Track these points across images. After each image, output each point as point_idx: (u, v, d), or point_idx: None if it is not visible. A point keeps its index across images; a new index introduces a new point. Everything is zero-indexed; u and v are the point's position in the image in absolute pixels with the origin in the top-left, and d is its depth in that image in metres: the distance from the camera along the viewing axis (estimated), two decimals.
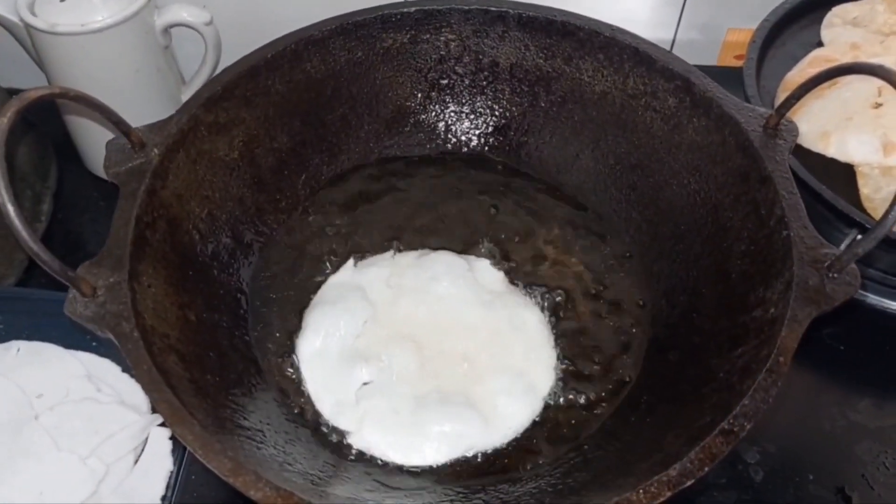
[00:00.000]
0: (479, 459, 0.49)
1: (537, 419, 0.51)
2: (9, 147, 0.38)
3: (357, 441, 0.50)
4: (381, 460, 0.49)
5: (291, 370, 0.53)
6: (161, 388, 0.39)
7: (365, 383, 0.52)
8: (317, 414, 0.51)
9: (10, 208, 0.37)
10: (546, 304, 0.56)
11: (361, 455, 0.49)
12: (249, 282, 0.56)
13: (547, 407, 0.52)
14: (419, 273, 0.56)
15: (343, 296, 0.56)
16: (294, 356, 0.53)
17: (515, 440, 0.50)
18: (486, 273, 0.57)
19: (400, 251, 0.59)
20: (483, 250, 0.59)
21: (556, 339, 0.55)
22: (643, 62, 0.56)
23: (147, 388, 0.39)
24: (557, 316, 0.56)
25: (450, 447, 0.49)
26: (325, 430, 0.50)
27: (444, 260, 0.57)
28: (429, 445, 0.49)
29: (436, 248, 0.59)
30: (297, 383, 0.52)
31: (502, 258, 0.59)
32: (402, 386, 0.51)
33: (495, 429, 0.50)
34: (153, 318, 0.43)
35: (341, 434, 0.50)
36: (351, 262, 0.59)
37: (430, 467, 0.49)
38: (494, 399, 0.51)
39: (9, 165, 0.38)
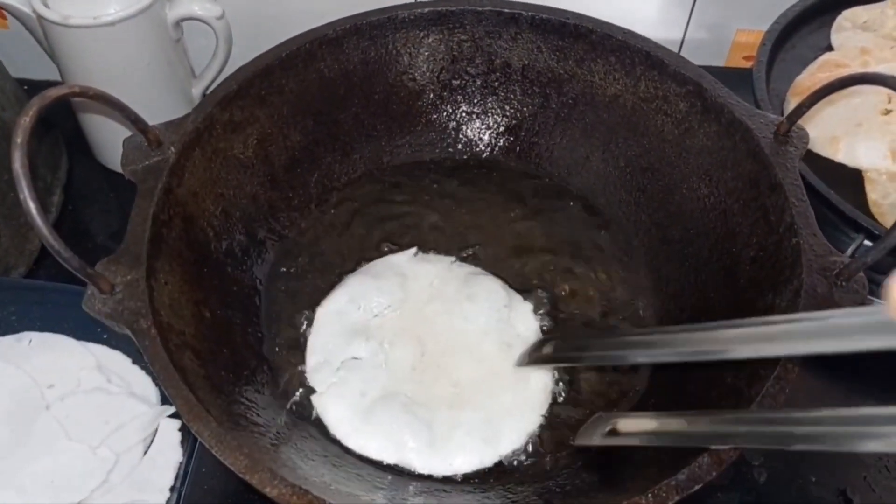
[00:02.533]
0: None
1: (490, 466, 0.49)
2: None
3: (318, 402, 0.51)
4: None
5: (303, 367, 0.53)
6: (178, 385, 0.39)
7: (355, 358, 0.53)
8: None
9: (32, 206, 0.38)
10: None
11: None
12: (262, 279, 0.57)
13: (553, 406, 0.52)
14: (461, 288, 0.56)
15: (385, 275, 0.57)
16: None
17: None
18: (522, 317, 0.56)
19: (463, 260, 0.59)
20: (536, 296, 0.57)
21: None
22: (655, 66, 0.56)
23: (164, 385, 0.39)
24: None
25: (387, 448, 0.49)
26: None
27: (489, 287, 0.57)
28: (369, 436, 0.50)
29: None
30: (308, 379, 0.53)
31: (550, 309, 0.57)
32: (383, 376, 0.52)
33: (436, 457, 0.49)
34: (169, 314, 0.44)
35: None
36: (413, 250, 0.59)
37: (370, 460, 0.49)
38: (452, 431, 0.50)
39: None
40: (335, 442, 0.50)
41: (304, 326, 0.55)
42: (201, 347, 0.45)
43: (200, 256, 0.51)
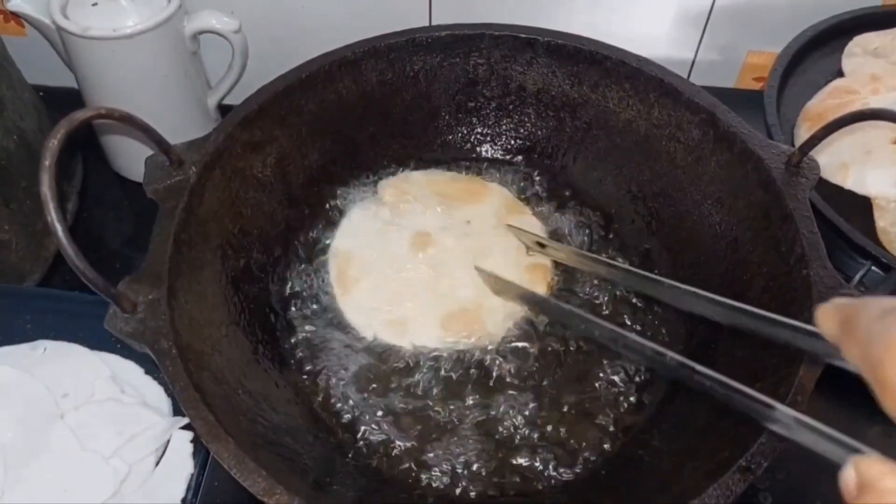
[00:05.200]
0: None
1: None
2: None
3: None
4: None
5: (319, 387, 0.54)
6: (198, 406, 0.40)
7: None
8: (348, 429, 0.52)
9: (59, 228, 0.39)
10: None
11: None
12: (277, 296, 0.57)
13: (560, 428, 0.52)
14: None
15: None
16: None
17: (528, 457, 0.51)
18: None
19: None
20: None
21: None
22: (669, 94, 0.57)
23: (185, 406, 0.40)
24: None
25: None
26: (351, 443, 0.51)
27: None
28: None
29: None
30: (327, 401, 0.53)
31: None
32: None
33: None
34: (189, 334, 0.44)
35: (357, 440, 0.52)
36: None
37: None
38: None
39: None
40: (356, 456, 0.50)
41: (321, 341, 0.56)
42: (219, 367, 0.46)
43: (218, 275, 0.51)
